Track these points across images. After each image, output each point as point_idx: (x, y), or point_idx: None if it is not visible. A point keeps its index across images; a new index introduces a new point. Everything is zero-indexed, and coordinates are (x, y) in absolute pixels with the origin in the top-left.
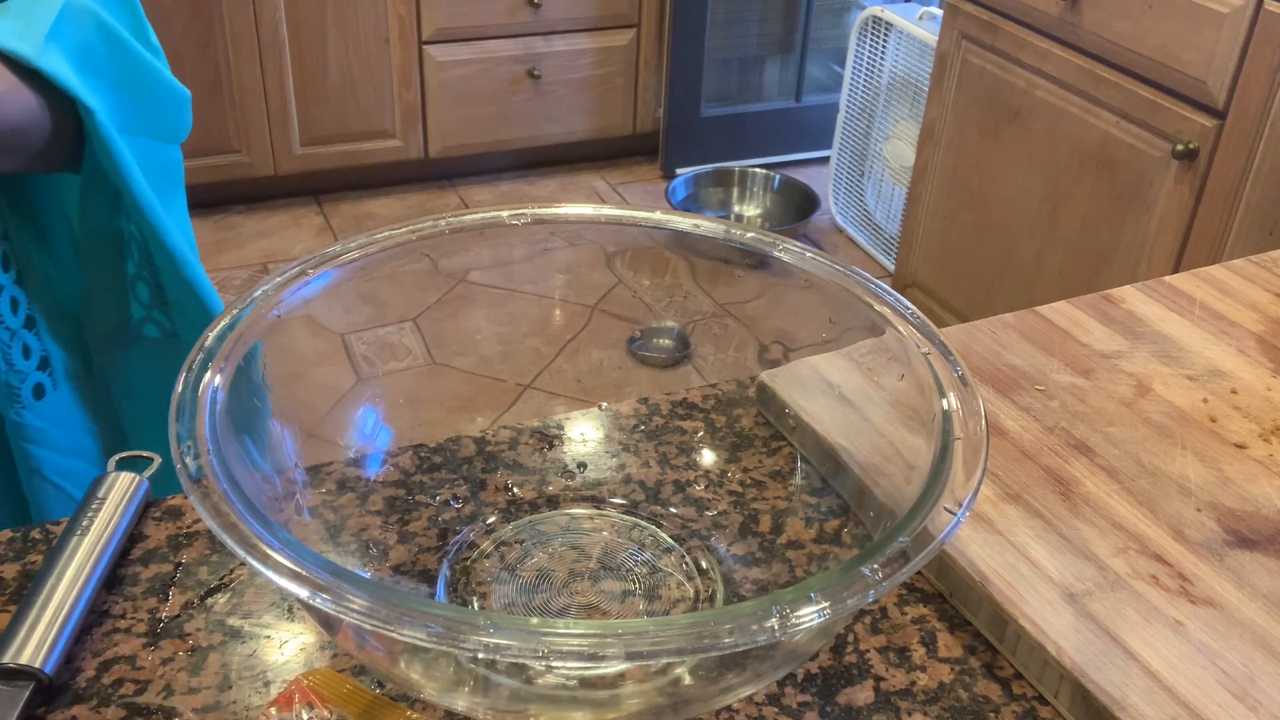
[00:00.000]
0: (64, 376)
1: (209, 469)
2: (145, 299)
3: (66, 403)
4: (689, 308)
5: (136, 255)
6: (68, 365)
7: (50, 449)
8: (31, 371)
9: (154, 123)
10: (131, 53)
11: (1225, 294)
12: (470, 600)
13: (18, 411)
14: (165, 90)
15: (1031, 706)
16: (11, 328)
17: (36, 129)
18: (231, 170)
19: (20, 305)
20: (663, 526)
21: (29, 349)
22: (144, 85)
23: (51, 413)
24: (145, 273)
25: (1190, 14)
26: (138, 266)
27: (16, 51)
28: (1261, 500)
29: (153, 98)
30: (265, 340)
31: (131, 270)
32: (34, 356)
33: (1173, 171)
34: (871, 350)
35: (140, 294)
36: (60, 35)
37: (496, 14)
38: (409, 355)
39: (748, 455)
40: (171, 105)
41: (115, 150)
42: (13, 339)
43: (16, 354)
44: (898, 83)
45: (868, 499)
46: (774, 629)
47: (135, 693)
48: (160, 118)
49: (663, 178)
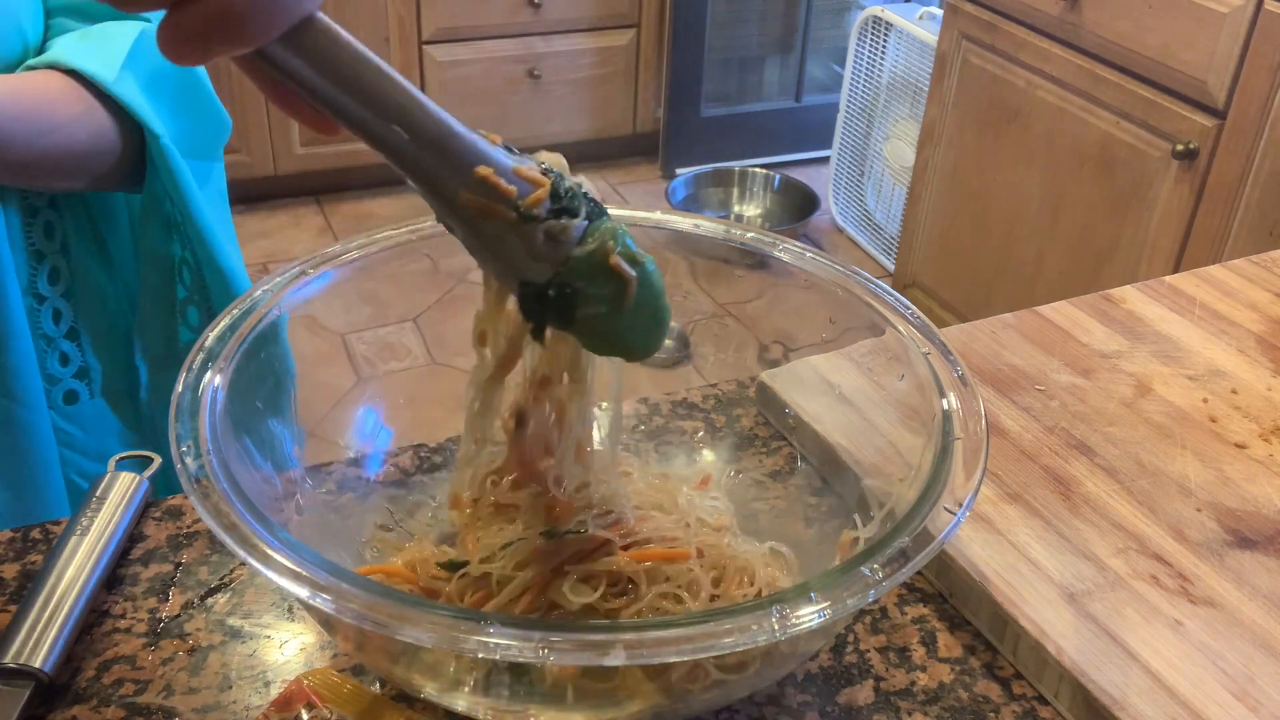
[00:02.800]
0: (102, 389)
1: (209, 469)
2: (195, 323)
3: (102, 414)
4: (689, 308)
5: (189, 279)
6: (109, 378)
7: (75, 451)
8: (67, 378)
9: (205, 143)
10: (196, 78)
11: (1225, 294)
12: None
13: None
14: (216, 113)
15: (1031, 706)
16: (50, 336)
17: (104, 152)
18: (231, 170)
19: (64, 316)
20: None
21: (67, 357)
22: (201, 109)
23: (82, 418)
24: (196, 296)
25: (1190, 14)
26: (189, 291)
27: (95, 75)
28: (1261, 500)
29: (207, 120)
30: (265, 340)
31: (182, 294)
32: (72, 365)
33: (1173, 171)
34: (871, 350)
35: (190, 318)
36: (136, 61)
37: (496, 14)
38: (409, 355)
39: (748, 455)
40: (221, 125)
41: (178, 174)
42: (50, 346)
43: (53, 361)
44: (898, 83)
45: (867, 499)
46: (774, 629)
47: (135, 693)
48: (211, 137)
49: (663, 178)
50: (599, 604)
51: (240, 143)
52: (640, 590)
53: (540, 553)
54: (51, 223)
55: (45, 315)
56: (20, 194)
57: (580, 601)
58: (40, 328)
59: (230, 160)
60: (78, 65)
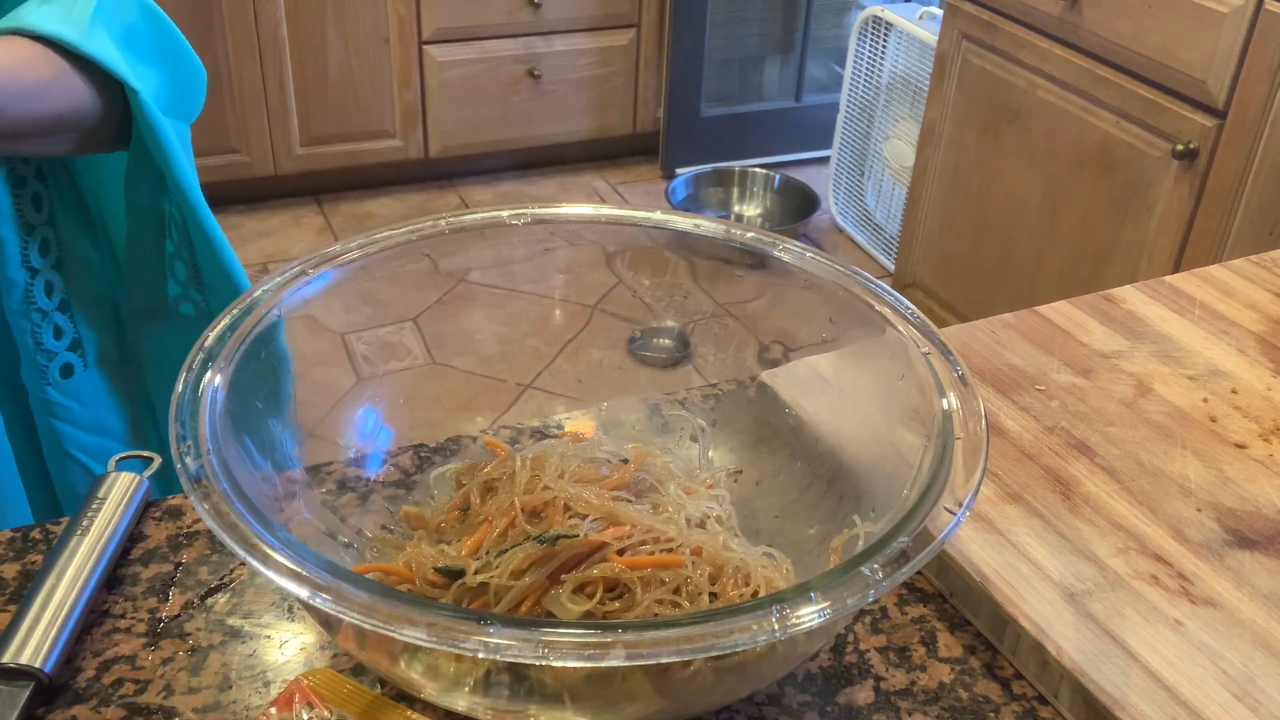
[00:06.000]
0: (96, 359)
1: (209, 469)
2: (183, 277)
3: (96, 383)
4: (689, 308)
5: (175, 235)
6: (101, 348)
7: (75, 425)
8: (61, 352)
9: (184, 101)
10: (170, 32)
11: (1225, 294)
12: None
13: (43, 389)
14: (193, 68)
15: (1031, 706)
16: (44, 309)
17: (85, 113)
18: (231, 170)
19: (55, 289)
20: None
21: (61, 330)
22: (179, 65)
23: (79, 391)
24: (184, 252)
25: (1190, 14)
26: (176, 246)
27: (61, 36)
28: (1261, 500)
29: (184, 77)
30: (265, 340)
31: (170, 249)
32: (65, 338)
33: (1173, 171)
34: (871, 350)
35: (178, 273)
36: (105, 17)
37: (496, 14)
38: (409, 355)
39: (747, 455)
40: (197, 81)
41: (160, 130)
42: (44, 320)
43: (47, 334)
44: (898, 83)
45: (867, 499)
46: (774, 629)
47: (135, 693)
48: (189, 96)
49: (663, 178)
50: (596, 609)
51: (240, 143)
52: (636, 596)
53: (536, 559)
54: (39, 194)
55: (38, 288)
56: (7, 166)
57: (578, 610)
58: (34, 301)
59: (230, 160)
60: (43, 30)
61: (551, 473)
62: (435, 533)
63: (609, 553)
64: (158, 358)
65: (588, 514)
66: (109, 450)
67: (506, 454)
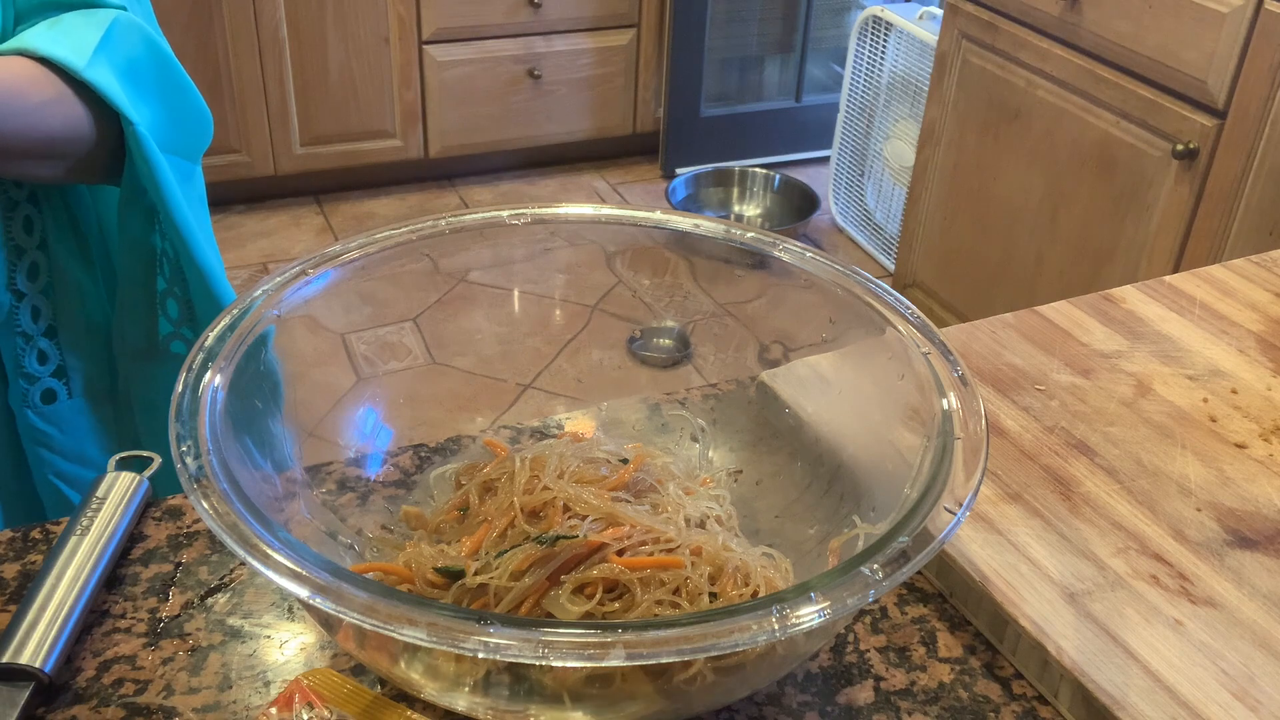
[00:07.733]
0: (83, 390)
1: (209, 469)
2: (174, 315)
3: (80, 414)
4: (689, 308)
5: (168, 271)
6: (88, 379)
7: (53, 451)
8: (45, 377)
9: (186, 140)
10: (174, 70)
11: (1225, 294)
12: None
13: (24, 411)
14: (196, 108)
15: (1031, 706)
16: (29, 334)
17: (79, 139)
18: (231, 170)
19: (42, 314)
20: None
21: (45, 355)
22: (181, 103)
23: (59, 418)
24: (176, 289)
25: (1190, 14)
26: (168, 283)
27: (64, 60)
28: (1261, 500)
29: (187, 115)
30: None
31: (162, 286)
32: (50, 363)
33: (1173, 171)
34: (871, 350)
35: (170, 310)
36: (109, 48)
37: (496, 14)
38: (409, 355)
39: (747, 455)
40: (202, 123)
41: (155, 165)
42: (29, 344)
43: (30, 359)
44: (898, 83)
45: (867, 499)
46: (774, 629)
47: (135, 693)
48: (191, 135)
49: (663, 178)
50: (595, 609)
51: (240, 143)
52: (636, 597)
53: (535, 560)
54: (30, 218)
55: (24, 312)
56: None
57: (578, 611)
58: (19, 325)
59: (230, 160)
60: (46, 52)
61: (551, 473)
62: (435, 533)
63: (609, 553)
64: (147, 396)
65: (587, 514)
66: (85, 480)
67: (506, 454)
